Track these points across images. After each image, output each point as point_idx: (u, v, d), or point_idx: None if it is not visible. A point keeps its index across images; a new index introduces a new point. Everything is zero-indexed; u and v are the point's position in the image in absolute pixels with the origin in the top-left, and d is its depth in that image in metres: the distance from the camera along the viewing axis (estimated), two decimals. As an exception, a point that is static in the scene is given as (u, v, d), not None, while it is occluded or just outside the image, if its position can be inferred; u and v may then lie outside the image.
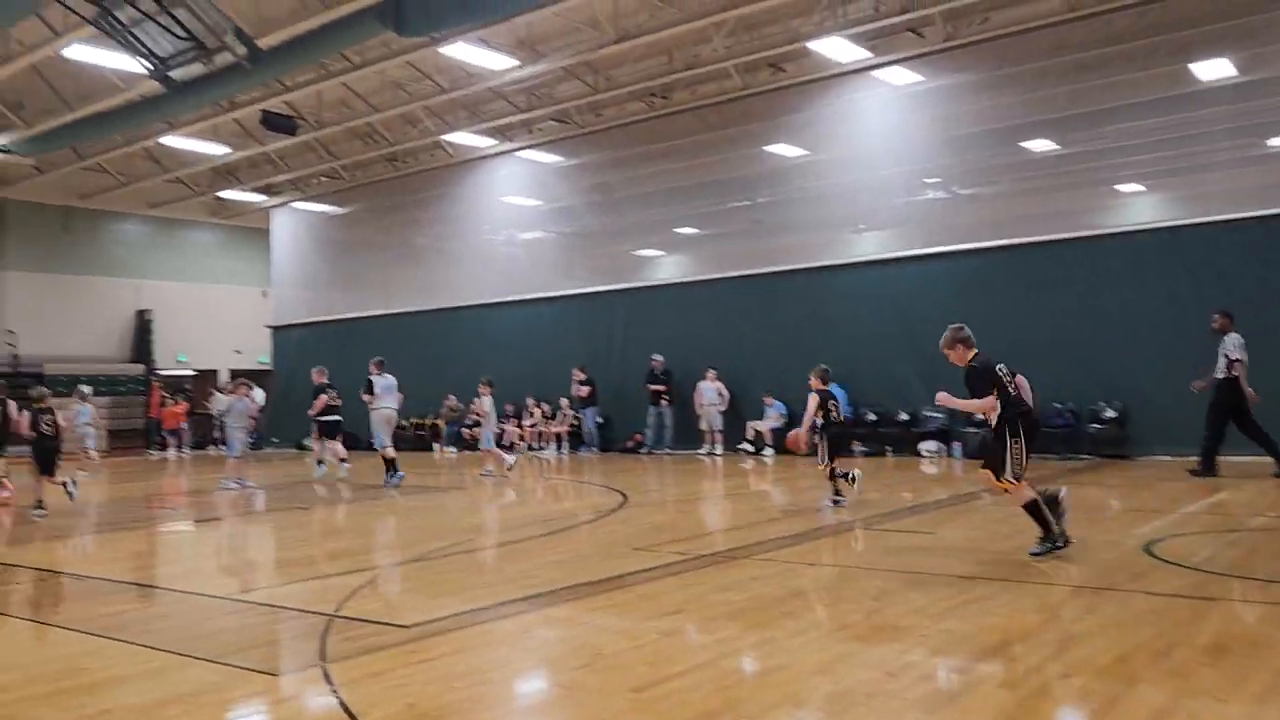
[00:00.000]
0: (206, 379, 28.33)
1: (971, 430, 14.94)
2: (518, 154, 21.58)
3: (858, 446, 15.87)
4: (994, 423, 6.63)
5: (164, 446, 24.31)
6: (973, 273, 15.56)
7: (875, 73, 16.44)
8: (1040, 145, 16.05)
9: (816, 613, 5.21)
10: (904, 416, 15.95)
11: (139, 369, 26.69)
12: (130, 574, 7.62)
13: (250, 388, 15.64)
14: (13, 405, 12.04)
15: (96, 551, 9.05)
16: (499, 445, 19.22)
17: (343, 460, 14.72)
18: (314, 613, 5.49)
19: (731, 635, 4.79)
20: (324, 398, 15.02)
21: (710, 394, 17.73)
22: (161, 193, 26.42)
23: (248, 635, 5.33)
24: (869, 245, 17.15)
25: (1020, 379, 6.71)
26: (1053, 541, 6.47)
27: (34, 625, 5.47)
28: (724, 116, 18.44)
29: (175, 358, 27.97)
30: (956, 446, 15.18)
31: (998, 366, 6.65)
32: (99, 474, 17.99)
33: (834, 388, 10.11)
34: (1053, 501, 6.59)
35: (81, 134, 19.57)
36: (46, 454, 11.30)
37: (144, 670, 4.49)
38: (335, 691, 4.02)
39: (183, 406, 24.43)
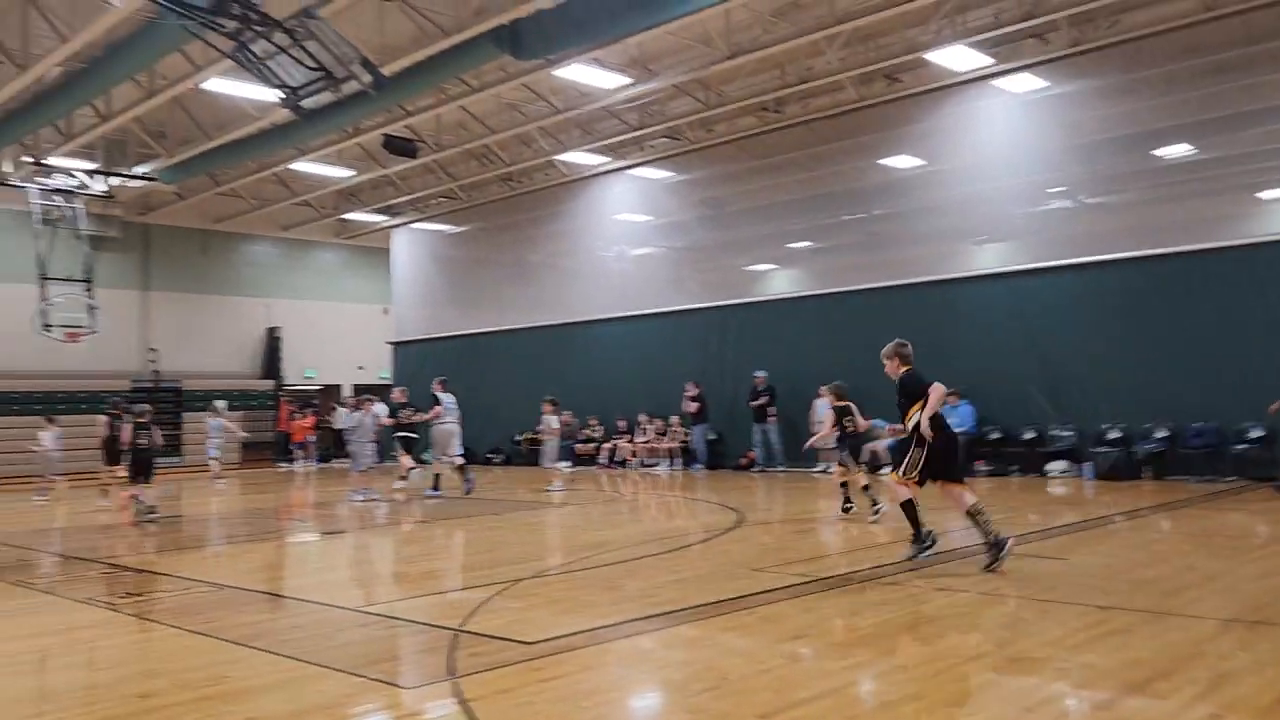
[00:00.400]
0: (331, 394, 29.35)
1: (1102, 450, 14.36)
2: (629, 171, 21.75)
3: (981, 465, 15.44)
4: (909, 429, 7.30)
5: (292, 459, 25.28)
6: (1102, 284, 14.96)
7: (996, 81, 16.01)
8: (1174, 151, 15.34)
9: (948, 641, 5.05)
10: (1030, 435, 15.40)
11: (269, 384, 27.82)
12: (263, 584, 7.92)
13: (373, 402, 16.11)
14: (126, 427, 12.93)
15: (231, 562, 9.42)
16: (612, 461, 19.46)
17: (410, 469, 15.11)
18: (440, 627, 5.59)
19: (859, 662, 4.68)
20: (405, 413, 15.43)
21: (823, 411, 17.44)
22: (290, 215, 27.57)
23: (377, 648, 5.47)
24: (990, 258, 16.67)
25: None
26: (921, 542, 7.38)
27: (178, 632, 5.71)
28: (837, 129, 18.22)
29: (303, 373, 29.06)
30: (1087, 467, 14.56)
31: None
32: (221, 485, 18.83)
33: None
34: (999, 546, 6.87)
35: (218, 161, 20.58)
36: (144, 463, 12.37)
37: (282, 679, 4.64)
38: (465, 707, 4.08)
39: (309, 420, 25.36)
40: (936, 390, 7.15)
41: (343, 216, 27.67)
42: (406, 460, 15.14)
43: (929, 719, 3.85)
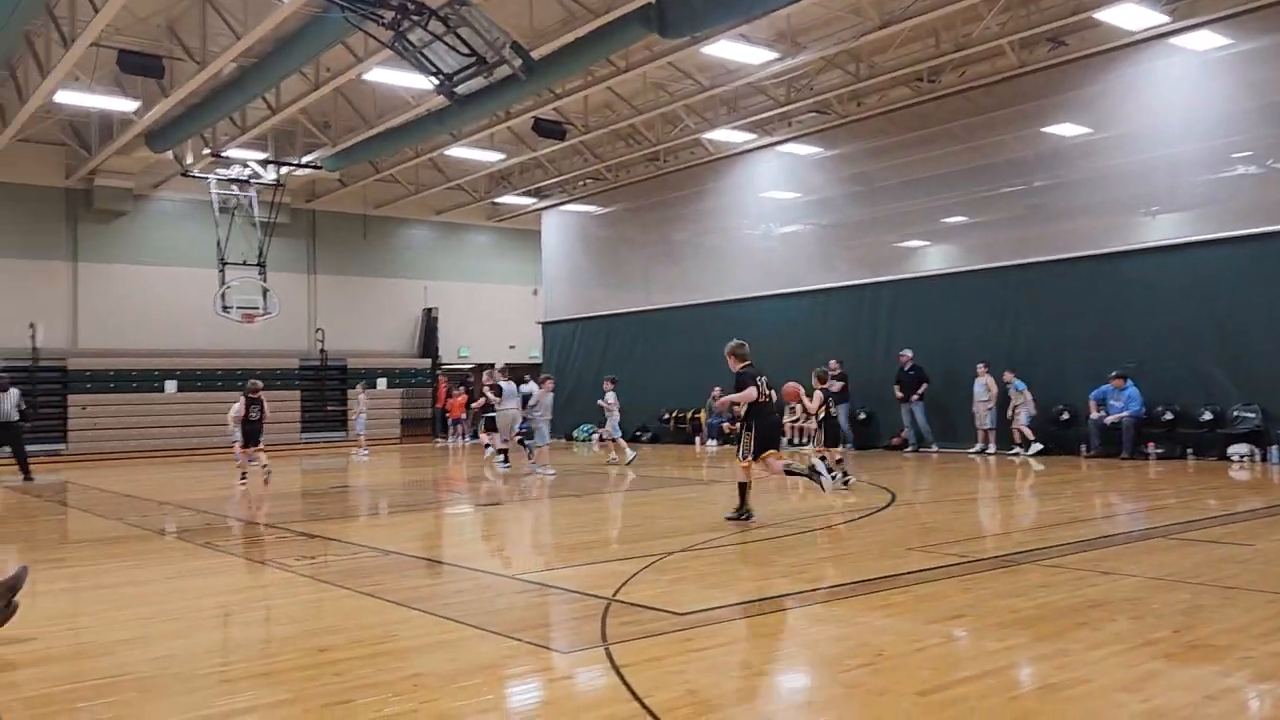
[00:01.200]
0: (484, 373, 30.28)
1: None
2: (776, 148, 21.50)
3: (1152, 448, 14.66)
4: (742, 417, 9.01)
5: (448, 435, 26.26)
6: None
7: (1173, 39, 15.03)
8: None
9: (1117, 625, 4.82)
10: (1208, 416, 14.47)
11: (426, 363, 28.93)
12: (424, 551, 8.26)
13: (552, 380, 16.96)
14: (239, 402, 14.49)
15: (394, 530, 9.87)
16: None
17: (499, 450, 16.47)
18: (593, 596, 5.70)
19: (1020, 644, 4.52)
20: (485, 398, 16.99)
21: (979, 390, 16.91)
22: (444, 199, 28.51)
23: (533, 613, 5.63)
24: (1164, 229, 15.69)
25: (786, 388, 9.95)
26: (740, 514, 8.77)
27: (349, 593, 6.03)
28: (996, 97, 17.50)
29: (458, 352, 30.08)
30: (1273, 450, 13.58)
31: (758, 378, 9.10)
32: (364, 456, 19.71)
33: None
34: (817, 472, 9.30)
35: (377, 148, 21.45)
36: (253, 433, 14.32)
37: (446, 640, 4.84)
38: (619, 672, 4.15)
39: (464, 397, 26.23)
40: (748, 394, 8.97)
41: (494, 200, 28.41)
42: (496, 439, 16.74)
43: (1097, 703, 3.69)
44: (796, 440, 19.82)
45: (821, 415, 11.41)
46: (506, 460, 16.17)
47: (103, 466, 20.37)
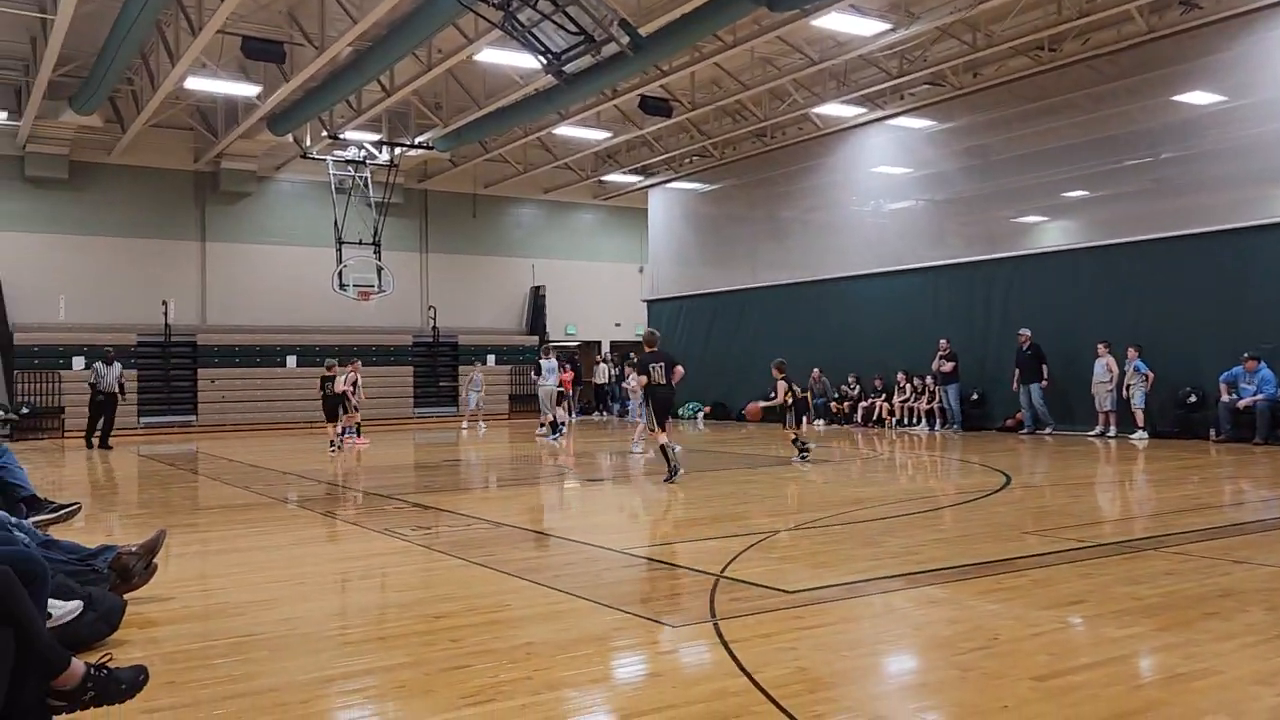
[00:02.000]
0: (591, 350, 30.57)
1: None
2: (887, 121, 21.03)
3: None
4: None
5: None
6: None
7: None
8: None
9: (1250, 616, 4.60)
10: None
11: (534, 340, 29.35)
12: (534, 524, 8.42)
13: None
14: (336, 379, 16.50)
15: (504, 503, 10.08)
16: (867, 421, 19.24)
17: (559, 423, 18.52)
18: (701, 571, 5.73)
19: (1143, 632, 4.37)
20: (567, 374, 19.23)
21: (1100, 371, 16.29)
22: (552, 178, 28.81)
23: (641, 587, 5.69)
24: (1305, 202, 14.83)
25: (677, 369, 11.07)
26: (671, 473, 10.43)
27: (463, 563, 6.19)
28: (1121, 66, 16.74)
29: (565, 329, 30.44)
30: None
31: (652, 365, 10.76)
32: (464, 430, 20.10)
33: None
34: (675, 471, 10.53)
35: (487, 128, 21.79)
36: (331, 409, 16.17)
37: (557, 611, 4.93)
38: (728, 647, 4.17)
39: (570, 375, 26.53)
40: (640, 380, 10.98)
41: (600, 178, 28.57)
42: (560, 412, 18.70)
43: (1229, 695, 3.54)
44: (907, 420, 19.48)
45: (790, 400, 12.99)
46: (554, 432, 18.19)
47: (230, 437, 21.34)
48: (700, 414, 24.28)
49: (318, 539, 7.57)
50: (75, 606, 3.97)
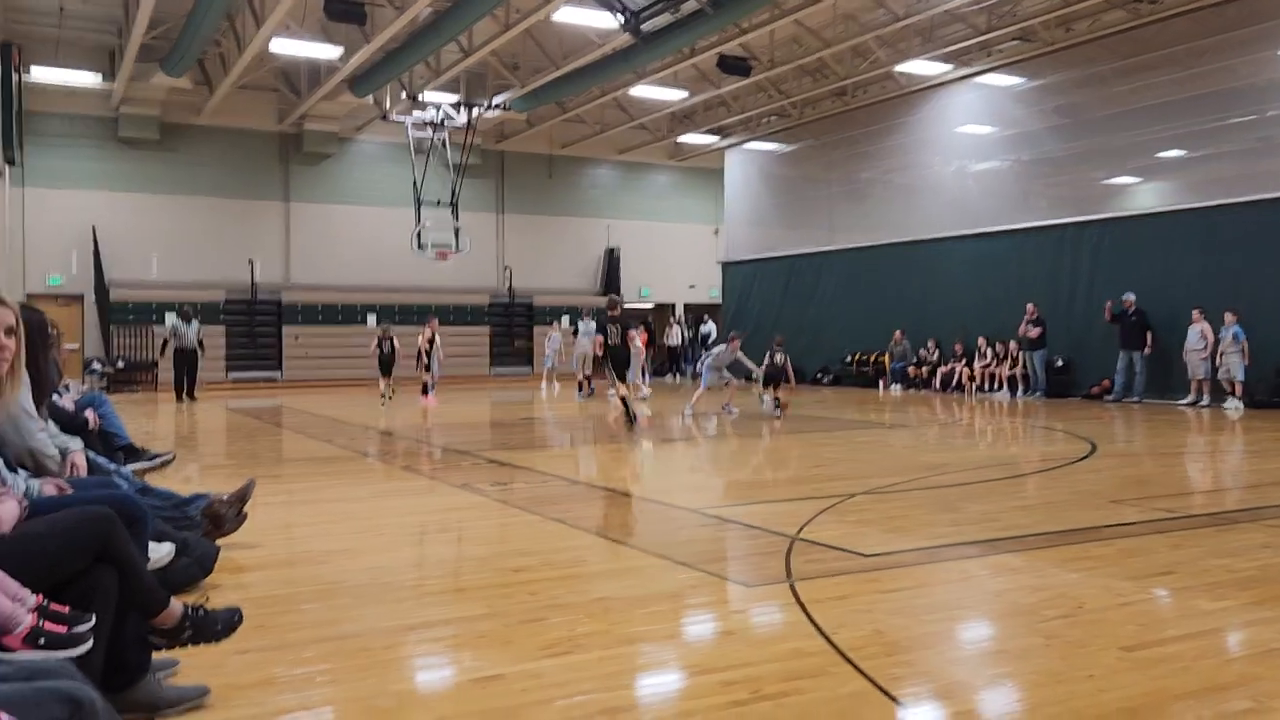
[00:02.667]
0: (665, 312, 30.54)
1: None
2: (974, 79, 20.42)
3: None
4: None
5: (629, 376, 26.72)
6: None
7: None
8: None
9: (1352, 592, 4.43)
10: None
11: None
12: (610, 483, 8.48)
13: (742, 338, 17.40)
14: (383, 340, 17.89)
15: (580, 461, 10.16)
16: (948, 386, 18.96)
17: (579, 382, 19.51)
18: (776, 533, 5.70)
19: (1237, 605, 4.23)
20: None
21: (1193, 338, 15.73)
22: (627, 139, 28.64)
23: (717, 547, 5.69)
24: None
25: (631, 333, 12.92)
26: (631, 420, 12.22)
27: (540, 519, 6.26)
28: (1226, 18, 15.95)
29: (639, 291, 30.43)
30: None
31: (609, 327, 12.51)
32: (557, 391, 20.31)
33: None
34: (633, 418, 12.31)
35: (564, 89, 21.75)
36: (385, 365, 17.61)
37: (632, 567, 4.96)
38: (804, 607, 4.15)
39: (644, 337, 26.55)
40: (597, 340, 12.79)
41: (676, 139, 28.34)
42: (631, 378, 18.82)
43: (1330, 673, 3.41)
44: (988, 386, 19.10)
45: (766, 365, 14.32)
46: (580, 392, 19.41)
47: (312, 392, 21.89)
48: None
49: (397, 492, 7.74)
50: (169, 550, 4.12)
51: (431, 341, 18.29)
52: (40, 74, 21.12)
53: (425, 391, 18.31)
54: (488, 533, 6.12)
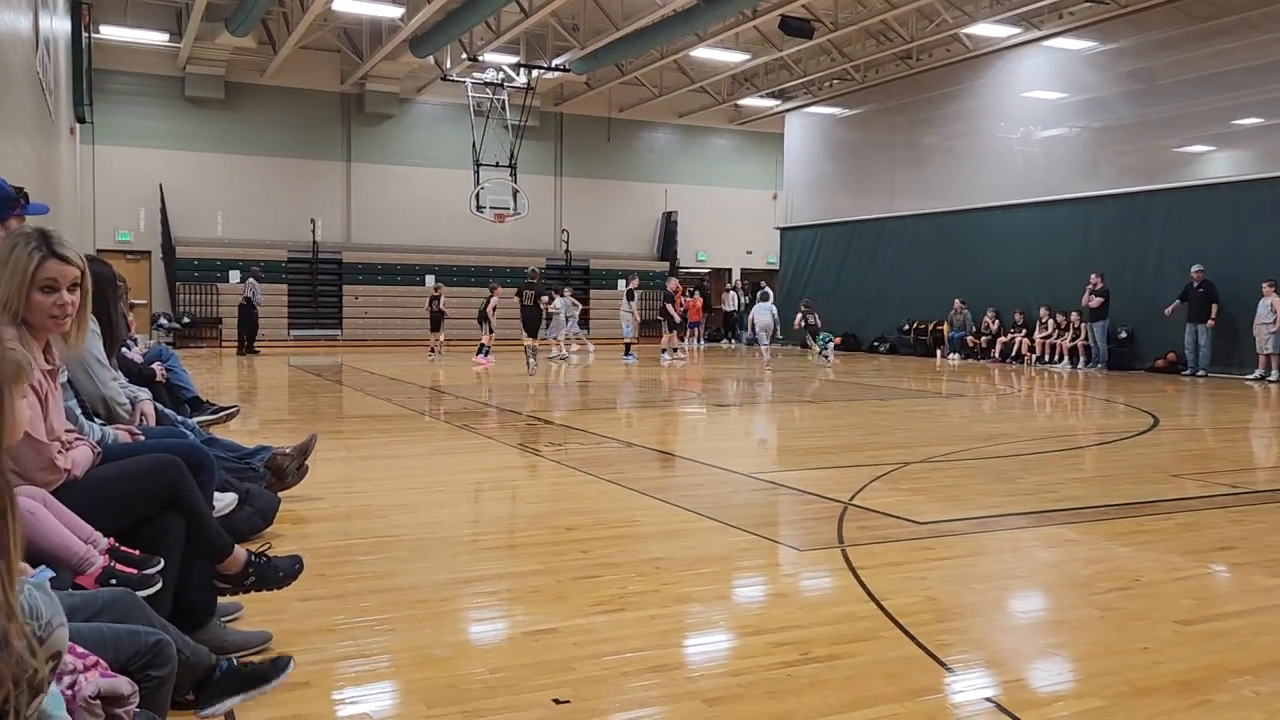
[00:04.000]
0: (721, 277, 30.42)
1: None
2: (1043, 43, 19.88)
3: None
4: None
5: (684, 337, 26.66)
6: None
7: None
8: None
9: None
10: None
11: (664, 266, 29.34)
12: (663, 445, 8.52)
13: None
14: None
15: (635, 424, 10.22)
16: (1006, 356, 18.77)
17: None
18: (828, 498, 5.70)
19: (1302, 583, 4.14)
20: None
21: (1263, 311, 15.28)
22: (686, 102, 28.43)
23: (769, 511, 5.71)
24: None
25: (542, 298, 15.98)
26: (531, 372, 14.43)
27: (593, 479, 6.32)
28: (1311, -21, 15.32)
29: (695, 256, 30.33)
30: None
31: (524, 290, 15.80)
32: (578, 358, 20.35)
33: None
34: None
35: (624, 51, 21.60)
36: (435, 322, 19.60)
37: (684, 529, 5.00)
38: (855, 573, 4.15)
39: (700, 301, 26.49)
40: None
41: (736, 102, 28.05)
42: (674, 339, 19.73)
43: (1397, 655, 3.33)
44: (1048, 357, 18.77)
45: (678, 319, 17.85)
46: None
47: (371, 351, 22.24)
48: (830, 344, 23.91)
49: (453, 450, 7.86)
50: (232, 499, 4.24)
51: (494, 307, 18.49)
52: (109, 33, 21.52)
53: (481, 352, 18.49)
54: (541, 491, 6.19)
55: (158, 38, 22.58)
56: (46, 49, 9.27)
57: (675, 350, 19.62)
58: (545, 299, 16.93)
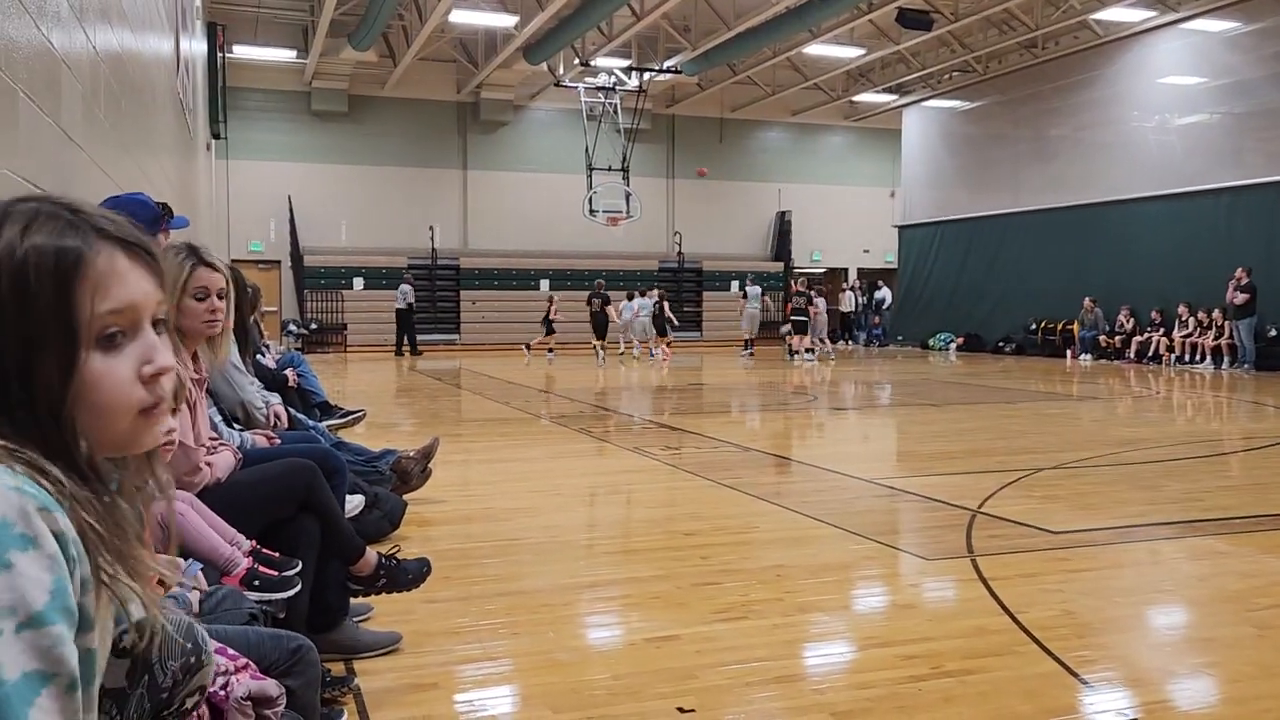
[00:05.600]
0: (837, 276, 29.94)
1: None
2: (1180, 25, 18.90)
3: None
4: None
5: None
6: None
7: None
8: None
9: None
10: None
11: (779, 266, 29.04)
12: (781, 450, 8.41)
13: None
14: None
15: (751, 428, 10.12)
16: (1143, 356, 17.94)
17: (809, 351, 19.44)
18: (956, 506, 5.51)
19: None
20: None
21: None
22: (800, 100, 28.07)
23: (894, 518, 5.56)
24: None
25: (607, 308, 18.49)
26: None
27: (711, 484, 6.27)
28: None
29: (810, 256, 29.92)
30: None
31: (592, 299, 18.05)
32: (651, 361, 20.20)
33: None
34: None
35: (736, 50, 21.47)
36: (599, 328, 19.99)
37: (805, 536, 4.90)
38: (987, 584, 3.99)
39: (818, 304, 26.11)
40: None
41: (851, 99, 27.57)
42: (806, 340, 19.61)
43: None
44: (1189, 357, 17.86)
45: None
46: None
47: (489, 356, 22.67)
48: (952, 345, 23.29)
49: (571, 454, 7.91)
50: (360, 502, 4.34)
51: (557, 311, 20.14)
52: (241, 52, 22.53)
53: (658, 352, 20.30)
54: (659, 496, 6.17)
55: (285, 55, 23.53)
56: (186, 70, 9.74)
57: (808, 351, 19.64)
58: (610, 306, 19.60)
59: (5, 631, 0.83)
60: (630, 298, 21.59)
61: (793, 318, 19.99)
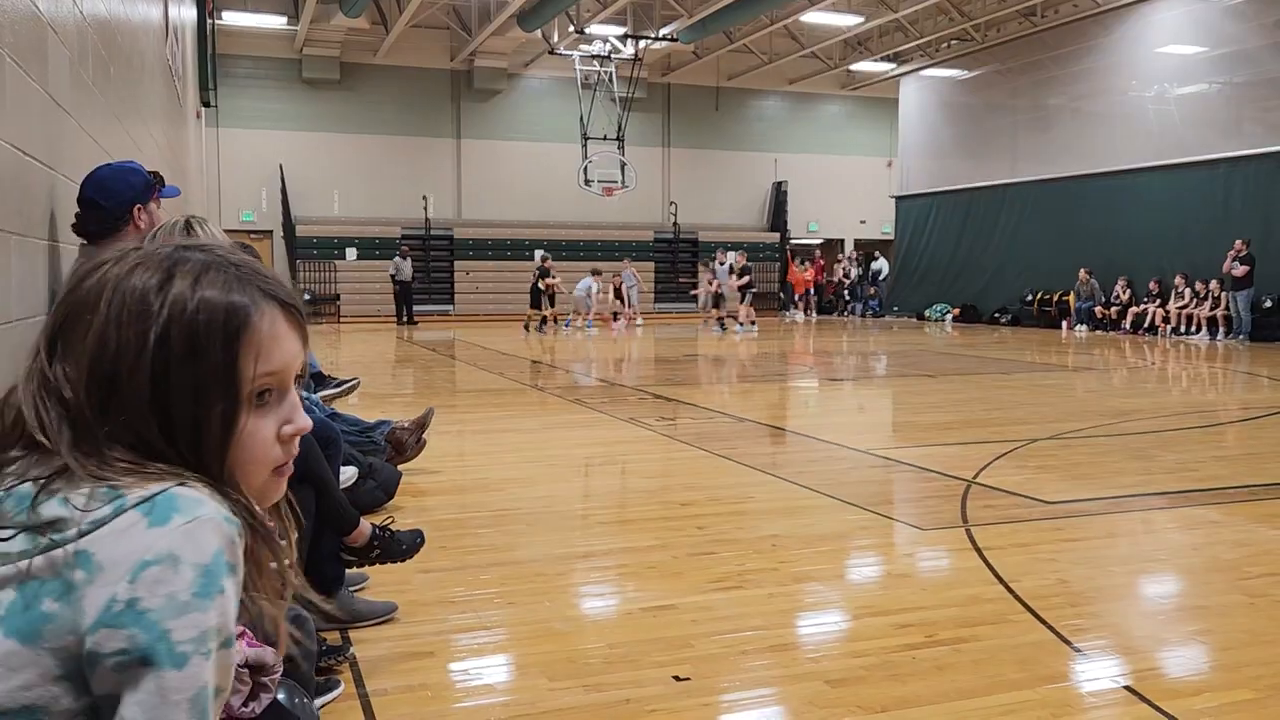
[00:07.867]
0: (833, 247, 29.87)
1: None
2: (1183, -9, 18.76)
3: None
4: None
5: (792, 310, 26.38)
6: None
7: None
8: None
9: None
10: None
11: (775, 237, 28.95)
12: (776, 421, 8.41)
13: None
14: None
15: (746, 399, 10.12)
16: (1138, 327, 17.91)
17: (751, 322, 19.76)
18: (951, 476, 5.52)
19: None
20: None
21: None
22: (797, 69, 27.84)
23: (888, 488, 5.57)
24: None
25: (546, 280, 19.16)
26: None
27: (706, 454, 6.27)
28: None
29: (806, 226, 29.83)
30: None
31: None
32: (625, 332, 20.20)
33: None
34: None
35: (733, 18, 21.27)
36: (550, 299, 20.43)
37: (800, 506, 4.91)
38: (981, 553, 4.01)
39: (811, 273, 26.12)
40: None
41: (849, 67, 27.38)
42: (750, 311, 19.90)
43: None
44: (1184, 328, 17.87)
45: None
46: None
47: (483, 326, 22.62)
48: (948, 316, 23.28)
49: (565, 424, 7.91)
50: (354, 473, 4.34)
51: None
52: (230, 18, 22.27)
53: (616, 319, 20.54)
54: (654, 467, 6.18)
55: (275, 21, 23.26)
56: (175, 37, 9.63)
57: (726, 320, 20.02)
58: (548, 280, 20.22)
59: (212, 651, 0.89)
60: (595, 274, 21.54)
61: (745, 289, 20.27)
